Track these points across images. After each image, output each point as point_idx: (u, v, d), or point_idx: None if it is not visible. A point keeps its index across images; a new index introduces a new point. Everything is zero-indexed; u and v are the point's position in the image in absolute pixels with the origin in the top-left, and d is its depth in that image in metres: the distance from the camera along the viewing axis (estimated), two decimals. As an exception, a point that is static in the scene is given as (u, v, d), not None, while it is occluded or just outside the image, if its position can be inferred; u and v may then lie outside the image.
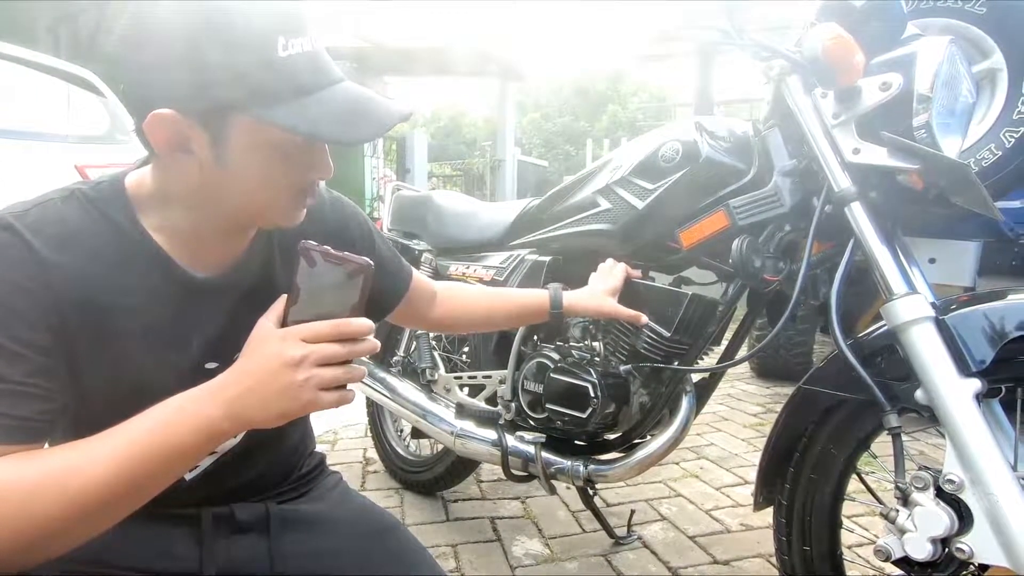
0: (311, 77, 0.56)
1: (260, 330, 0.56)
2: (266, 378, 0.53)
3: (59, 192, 0.59)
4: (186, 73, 0.52)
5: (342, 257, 0.55)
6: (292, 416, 0.54)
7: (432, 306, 0.95)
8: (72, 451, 0.52)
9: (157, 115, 0.53)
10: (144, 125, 0.54)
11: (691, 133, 1.05)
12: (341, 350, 0.54)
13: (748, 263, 0.93)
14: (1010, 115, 1.40)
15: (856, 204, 0.83)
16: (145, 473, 0.51)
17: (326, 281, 0.55)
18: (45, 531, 0.49)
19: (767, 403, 2.65)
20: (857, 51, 0.81)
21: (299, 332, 0.54)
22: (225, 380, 0.54)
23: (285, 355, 0.53)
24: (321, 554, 0.73)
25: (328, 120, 0.55)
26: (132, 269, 0.59)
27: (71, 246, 0.56)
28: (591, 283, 1.10)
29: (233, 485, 0.72)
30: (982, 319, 0.74)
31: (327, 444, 2.10)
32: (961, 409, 0.71)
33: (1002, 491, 0.68)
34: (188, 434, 0.52)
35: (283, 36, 0.53)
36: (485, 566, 1.36)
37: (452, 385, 1.48)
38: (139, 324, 0.59)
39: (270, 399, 0.53)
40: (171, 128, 0.54)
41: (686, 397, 1.10)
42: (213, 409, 0.53)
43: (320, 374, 0.53)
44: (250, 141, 0.55)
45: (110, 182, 0.61)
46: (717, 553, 1.42)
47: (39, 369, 0.52)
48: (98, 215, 0.58)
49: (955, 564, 0.73)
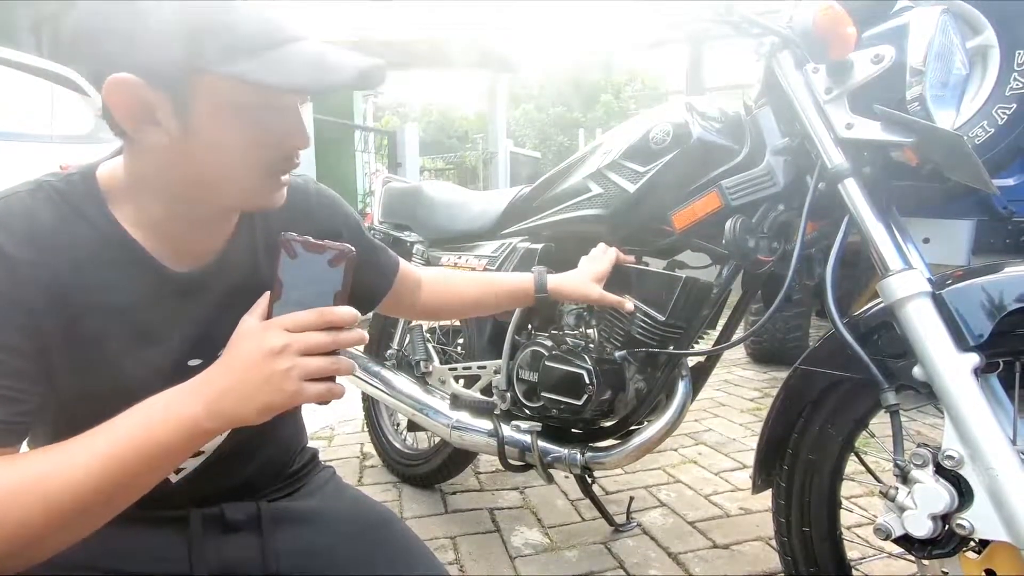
0: (271, 31, 0.53)
1: (243, 326, 0.55)
2: (248, 371, 0.51)
3: (25, 185, 0.56)
4: (139, 32, 0.50)
5: (323, 245, 0.54)
6: (276, 409, 0.52)
7: (418, 294, 0.94)
8: (51, 454, 0.49)
9: (115, 80, 0.50)
10: (104, 96, 0.52)
11: (682, 114, 1.03)
12: (326, 339, 0.53)
13: (742, 244, 0.92)
14: (1002, 91, 1.39)
15: (850, 181, 0.82)
16: (126, 475, 0.50)
17: (308, 271, 0.54)
18: (24, 537, 0.47)
19: (764, 388, 2.66)
20: (848, 22, 0.79)
21: (281, 322, 0.53)
22: (206, 377, 0.53)
23: (266, 345, 0.51)
24: (315, 550, 0.72)
25: (297, 70, 0.52)
26: (106, 265, 0.56)
27: (40, 242, 0.53)
28: (580, 266, 1.09)
29: (222, 486, 0.70)
30: (979, 293, 0.73)
31: (323, 440, 2.09)
32: (959, 384, 0.70)
33: (1002, 466, 0.68)
34: (169, 433, 0.50)
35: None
36: (485, 557, 1.36)
37: (447, 377, 1.47)
38: (116, 322, 0.57)
39: (252, 392, 0.51)
40: (131, 94, 0.51)
41: (682, 382, 1.09)
42: (195, 407, 0.51)
43: (304, 363, 0.51)
44: (215, 102, 0.53)
45: (81, 175, 0.58)
46: (717, 537, 1.42)
47: (11, 371, 0.50)
48: (69, 209, 0.56)
49: (956, 540, 0.73)
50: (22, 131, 2.28)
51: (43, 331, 0.52)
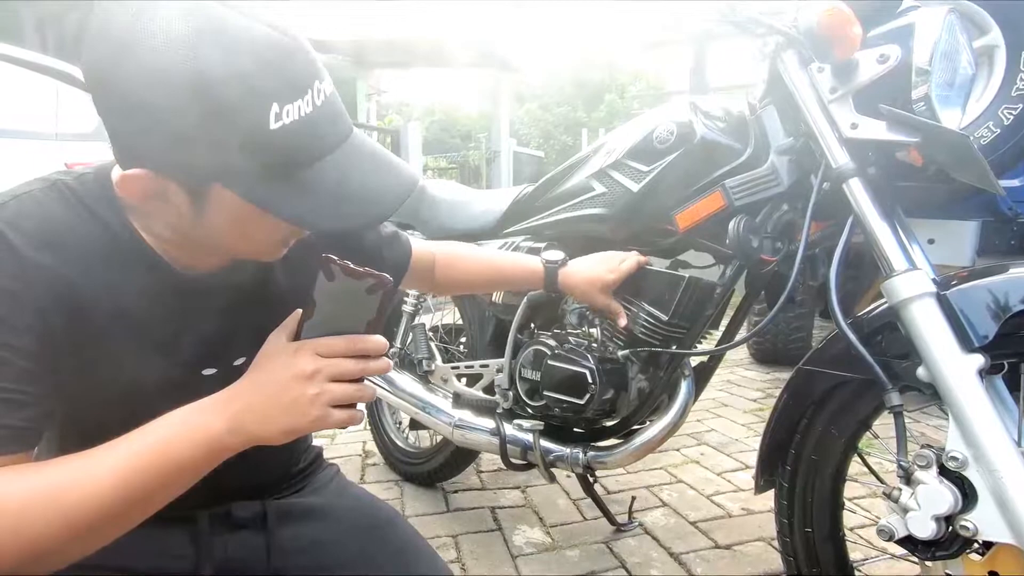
0: (306, 148, 0.49)
1: (271, 344, 0.54)
2: (275, 391, 0.51)
3: (38, 183, 0.54)
4: (162, 138, 0.47)
5: (363, 272, 0.52)
6: (298, 433, 0.52)
7: (432, 274, 0.96)
8: (68, 466, 0.48)
9: (129, 176, 0.49)
10: (117, 187, 0.51)
11: (686, 114, 1.03)
12: (355, 367, 0.52)
13: (745, 243, 0.92)
14: (1008, 92, 1.38)
15: (855, 181, 0.81)
16: (146, 489, 0.49)
17: (343, 296, 0.53)
18: (37, 550, 0.46)
19: (767, 388, 2.65)
20: (854, 22, 0.79)
21: (313, 346, 0.52)
22: (231, 393, 0.52)
23: (296, 368, 0.51)
24: (319, 547, 0.72)
25: (321, 205, 0.50)
26: (119, 268, 0.55)
27: (54, 243, 0.51)
28: (597, 262, 1.08)
29: (229, 486, 0.69)
30: (984, 294, 0.72)
31: (326, 438, 2.09)
32: (964, 385, 0.70)
33: (1006, 467, 0.67)
34: (190, 448, 0.50)
35: (277, 104, 0.46)
36: (486, 556, 1.36)
37: (449, 375, 1.47)
38: (127, 326, 0.56)
39: (277, 414, 0.51)
40: (147, 185, 0.50)
41: (684, 382, 1.09)
42: (217, 423, 0.51)
43: (331, 390, 0.51)
44: (231, 211, 0.51)
45: (95, 176, 0.57)
46: (719, 538, 1.42)
47: (23, 374, 0.49)
48: (83, 210, 0.54)
49: (959, 542, 0.72)
50: (27, 129, 2.28)
51: (53, 333, 0.51)
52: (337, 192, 0.51)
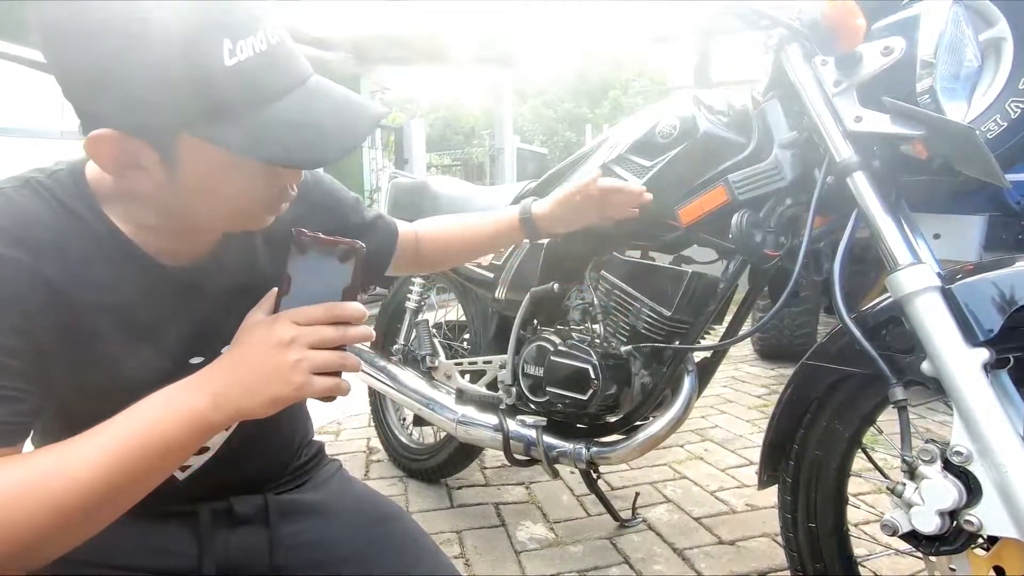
0: (267, 83, 0.49)
1: (249, 320, 0.55)
2: (256, 362, 0.51)
3: (11, 181, 0.54)
4: (119, 90, 0.46)
5: (333, 241, 0.53)
6: (284, 402, 0.52)
7: (419, 250, 0.93)
8: (54, 453, 0.48)
9: (96, 137, 0.48)
10: (86, 150, 0.49)
11: (689, 108, 1.02)
12: (334, 333, 0.52)
13: (748, 238, 0.92)
14: (1016, 85, 1.37)
15: (859, 174, 0.81)
16: (133, 471, 0.49)
17: (317, 267, 0.54)
18: (30, 538, 0.46)
19: (771, 384, 2.64)
20: (858, 14, 0.78)
21: (290, 315, 0.53)
22: (212, 369, 0.52)
23: (275, 336, 0.51)
24: (322, 544, 0.72)
25: (289, 138, 0.50)
26: (99, 262, 0.55)
27: (29, 240, 0.51)
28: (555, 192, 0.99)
29: (230, 481, 0.70)
30: (990, 287, 0.72)
31: (331, 434, 2.10)
32: (969, 379, 0.70)
33: (1011, 461, 0.67)
34: (176, 428, 0.50)
35: (229, 39, 0.46)
36: (490, 552, 1.36)
37: (452, 372, 1.47)
38: (112, 320, 0.56)
39: (260, 384, 0.51)
40: (115, 147, 0.49)
41: (688, 377, 1.09)
42: (200, 400, 0.51)
43: (312, 356, 0.51)
44: (204, 162, 0.50)
45: (68, 171, 0.56)
46: (723, 533, 1.42)
47: (6, 372, 0.49)
48: (58, 205, 0.54)
49: (964, 537, 0.72)
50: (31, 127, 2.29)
51: (38, 330, 0.51)
52: (304, 126, 0.51)
